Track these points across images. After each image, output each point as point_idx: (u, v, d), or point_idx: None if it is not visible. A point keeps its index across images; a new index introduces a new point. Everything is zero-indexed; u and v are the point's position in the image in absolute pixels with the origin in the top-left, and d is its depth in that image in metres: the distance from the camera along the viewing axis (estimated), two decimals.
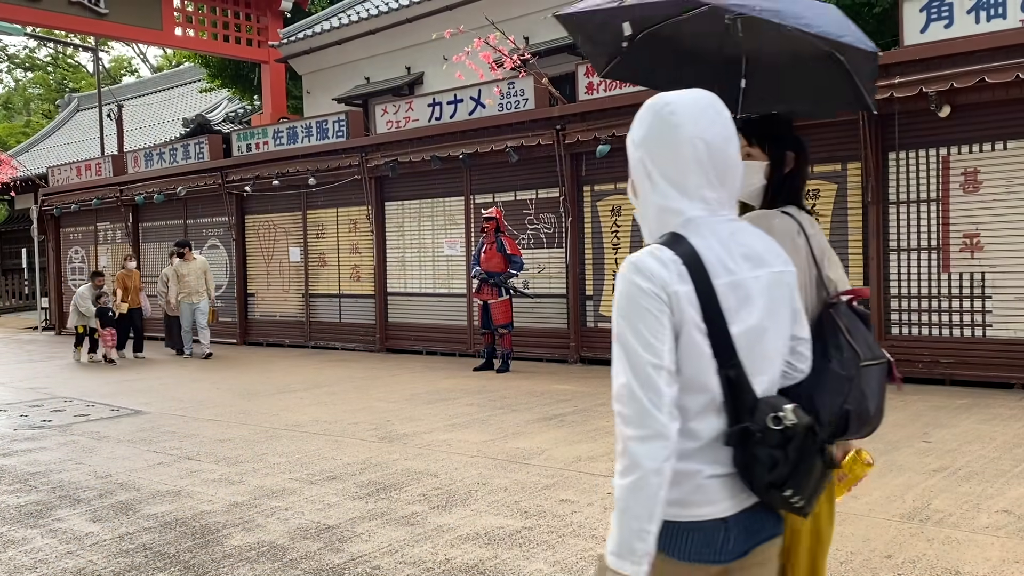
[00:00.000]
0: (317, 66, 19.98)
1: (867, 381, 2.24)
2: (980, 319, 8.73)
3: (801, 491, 1.81)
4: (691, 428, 1.78)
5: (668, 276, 1.75)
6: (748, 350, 1.80)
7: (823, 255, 2.48)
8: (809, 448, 1.79)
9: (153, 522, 4.96)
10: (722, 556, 1.82)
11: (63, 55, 47.68)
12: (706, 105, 1.85)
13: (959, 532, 4.31)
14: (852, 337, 2.28)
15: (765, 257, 1.88)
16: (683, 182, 1.82)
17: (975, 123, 8.70)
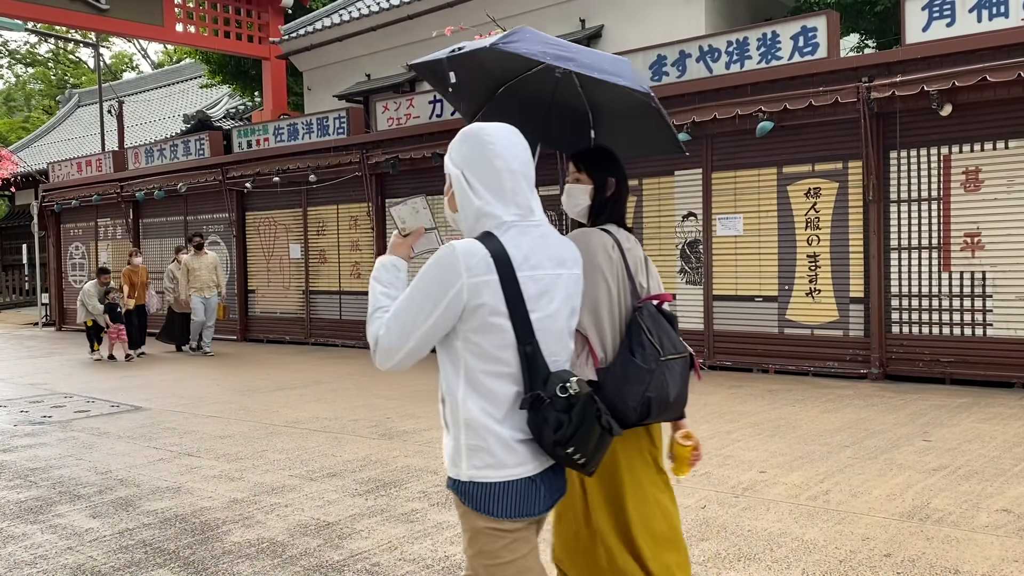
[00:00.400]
0: (318, 63, 19.95)
1: (668, 373, 2.64)
2: (981, 318, 8.73)
3: (582, 449, 2.16)
4: (495, 396, 2.16)
5: (476, 266, 2.12)
6: (544, 333, 2.18)
7: (637, 266, 2.82)
8: (589, 413, 2.15)
9: (153, 518, 4.96)
10: (537, 509, 2.17)
11: (64, 51, 47.65)
12: (512, 133, 2.31)
13: (959, 531, 4.31)
14: (654, 335, 2.66)
15: (566, 260, 2.29)
16: (499, 192, 2.23)
17: (976, 122, 8.69)
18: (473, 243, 2.17)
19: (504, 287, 2.13)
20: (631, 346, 2.66)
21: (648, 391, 2.60)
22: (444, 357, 2.23)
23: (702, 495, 5.07)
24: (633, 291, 2.77)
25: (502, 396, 2.16)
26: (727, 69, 10.11)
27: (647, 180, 11.01)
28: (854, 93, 9.02)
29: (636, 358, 2.63)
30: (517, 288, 2.14)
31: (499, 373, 2.15)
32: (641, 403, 2.60)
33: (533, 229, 2.24)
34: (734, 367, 10.30)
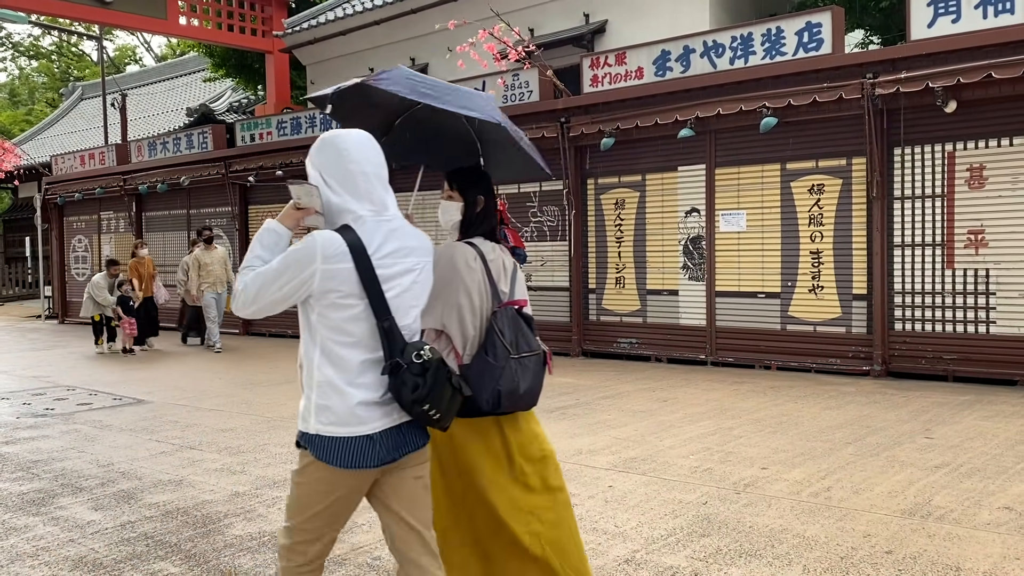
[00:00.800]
0: (321, 56, 19.93)
1: (520, 368, 3.00)
2: (984, 315, 8.71)
3: (437, 406, 2.54)
4: (345, 363, 2.52)
5: (333, 254, 2.49)
6: (398, 310, 2.58)
7: (500, 275, 3.14)
8: (441, 376, 2.54)
9: (154, 511, 4.97)
10: (369, 463, 2.54)
11: (67, 43, 47.63)
12: (365, 140, 2.65)
13: (960, 528, 4.31)
14: (506, 336, 3.02)
15: (416, 249, 2.68)
16: (355, 191, 2.59)
17: (981, 119, 8.66)
18: (333, 234, 2.53)
19: (360, 272, 2.52)
20: (486, 345, 3.01)
21: (498, 385, 2.95)
22: (303, 328, 2.61)
23: (703, 491, 5.07)
24: (495, 297, 3.10)
25: (351, 363, 2.53)
26: (731, 65, 10.09)
27: (650, 176, 11.00)
28: (858, 89, 9.00)
29: (488, 356, 2.98)
30: (372, 272, 2.53)
31: (348, 343, 2.53)
32: (492, 395, 2.94)
33: (386, 223, 2.62)
34: (736, 363, 10.29)
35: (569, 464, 5.78)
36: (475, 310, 3.05)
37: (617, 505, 4.85)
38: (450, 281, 3.02)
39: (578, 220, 11.59)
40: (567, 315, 11.76)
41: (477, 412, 2.99)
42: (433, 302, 2.93)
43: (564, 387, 9.01)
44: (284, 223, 2.65)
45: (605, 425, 7.02)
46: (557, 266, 11.88)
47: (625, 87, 10.93)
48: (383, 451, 2.55)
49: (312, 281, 2.50)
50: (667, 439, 6.46)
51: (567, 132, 11.29)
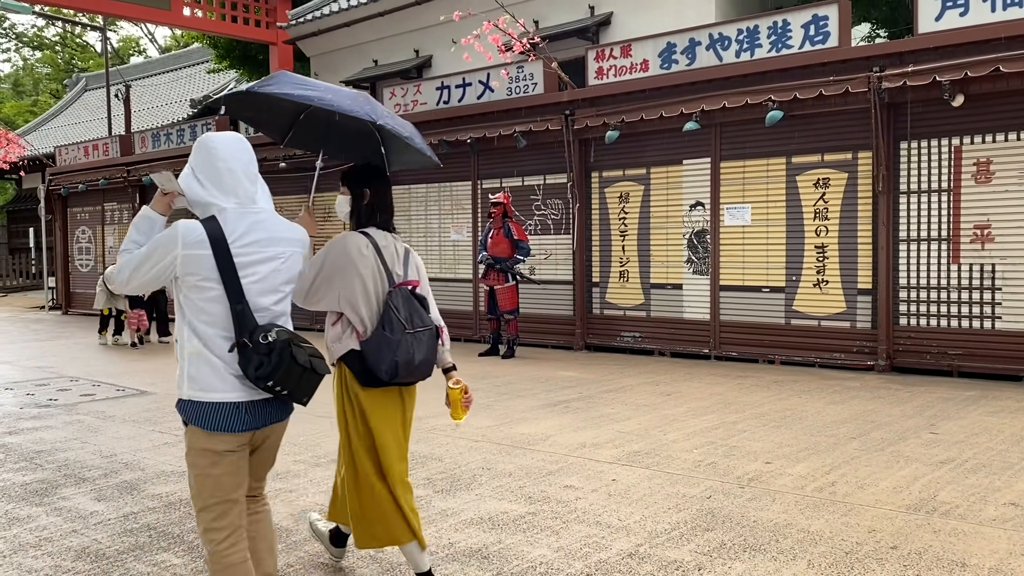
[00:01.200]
0: (325, 48, 19.89)
1: (414, 342, 3.36)
2: (989, 311, 8.68)
3: (283, 383, 2.81)
4: (216, 341, 2.83)
5: (192, 241, 2.78)
6: (255, 295, 2.85)
7: (393, 259, 3.49)
8: (285, 356, 2.78)
9: (157, 502, 4.96)
10: (235, 428, 2.86)
11: (71, 34, 47.59)
12: (235, 141, 2.95)
13: (966, 524, 4.28)
14: (401, 313, 3.36)
15: (283, 239, 2.97)
16: (221, 186, 2.88)
17: (989, 113, 8.61)
18: (194, 223, 2.83)
19: (217, 258, 2.78)
20: (383, 321, 3.36)
21: (395, 356, 3.31)
22: (177, 305, 2.92)
23: (707, 485, 5.05)
24: (389, 279, 3.44)
25: (214, 339, 2.83)
26: (737, 58, 10.04)
27: (655, 169, 10.96)
28: (865, 83, 8.95)
29: (386, 331, 3.34)
30: (229, 259, 2.80)
31: (208, 321, 2.83)
32: (389, 366, 3.31)
33: (252, 215, 2.90)
34: (740, 358, 10.26)
35: (572, 458, 5.77)
36: (369, 292, 3.40)
37: (620, 499, 4.83)
38: (344, 268, 3.35)
39: (582, 213, 11.55)
40: (571, 309, 11.73)
41: (378, 382, 3.39)
42: (330, 287, 3.34)
43: (567, 381, 8.99)
44: (156, 209, 2.95)
45: (608, 419, 7.00)
46: (561, 259, 11.85)
47: (630, 80, 10.88)
48: (249, 419, 2.88)
49: (175, 264, 2.80)
50: (671, 433, 6.44)
51: (572, 125, 11.25)
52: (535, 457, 5.81)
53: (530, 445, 6.15)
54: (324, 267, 3.37)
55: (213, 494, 2.88)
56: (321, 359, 2.97)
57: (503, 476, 5.35)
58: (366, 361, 3.36)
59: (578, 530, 4.34)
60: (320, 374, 2.94)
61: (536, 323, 11.99)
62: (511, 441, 6.29)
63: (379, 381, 3.37)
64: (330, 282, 3.34)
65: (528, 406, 7.61)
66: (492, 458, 5.81)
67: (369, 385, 3.43)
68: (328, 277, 3.34)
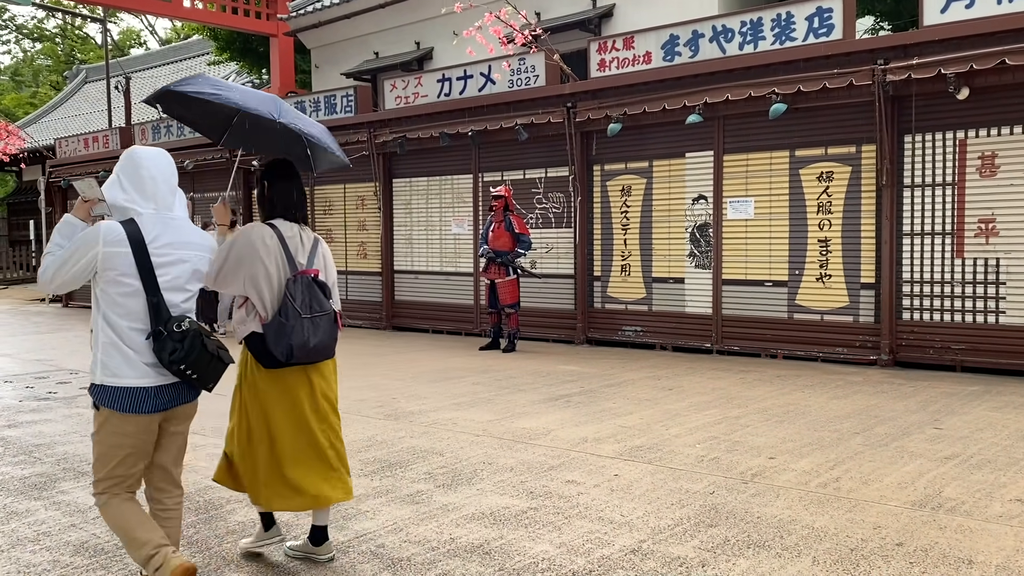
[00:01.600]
0: (326, 40, 19.81)
1: (311, 326, 3.62)
2: (993, 305, 8.63)
3: (194, 368, 3.20)
4: (121, 329, 3.17)
5: (112, 240, 3.14)
6: (170, 290, 3.25)
7: (296, 249, 3.75)
8: (196, 343, 3.17)
9: None
10: (144, 410, 3.21)
11: (72, 26, 47.46)
12: (158, 155, 3.36)
13: (972, 521, 4.25)
14: (298, 299, 3.63)
15: (192, 243, 3.36)
16: (143, 193, 3.27)
17: (994, 106, 8.55)
18: (115, 223, 3.18)
19: (136, 256, 3.15)
20: (281, 307, 3.62)
21: (290, 340, 3.58)
22: (93, 299, 3.24)
23: (710, 480, 5.01)
24: (291, 267, 3.70)
25: (127, 330, 3.18)
26: (740, 50, 9.97)
27: (658, 162, 10.90)
28: (869, 76, 8.89)
29: (282, 317, 3.60)
30: (146, 258, 3.17)
31: (123, 314, 3.17)
32: (285, 348, 3.58)
33: (168, 220, 3.28)
34: (742, 352, 10.22)
35: (574, 452, 5.73)
36: (271, 279, 3.66)
37: (623, 494, 4.80)
38: (249, 256, 3.62)
39: (584, 207, 11.50)
40: (572, 303, 11.69)
41: (277, 363, 3.66)
42: (237, 273, 3.59)
43: (568, 375, 8.96)
44: (77, 215, 3.31)
45: (610, 413, 6.97)
46: (562, 253, 11.80)
47: (633, 72, 10.82)
48: (157, 401, 3.23)
49: (96, 261, 3.13)
50: (673, 428, 6.40)
51: (573, 117, 11.19)
52: (536, 452, 5.77)
53: (531, 440, 6.12)
54: (231, 254, 3.60)
55: (115, 469, 3.23)
56: (227, 350, 3.36)
57: (504, 471, 5.31)
58: (268, 343, 3.62)
59: (580, 526, 4.30)
60: (225, 363, 3.33)
61: (537, 317, 11.95)
62: (512, 435, 6.25)
63: (278, 362, 3.65)
64: (236, 269, 3.60)
65: (529, 400, 7.57)
66: (493, 452, 5.77)
67: (269, 366, 3.70)
68: (235, 264, 3.60)
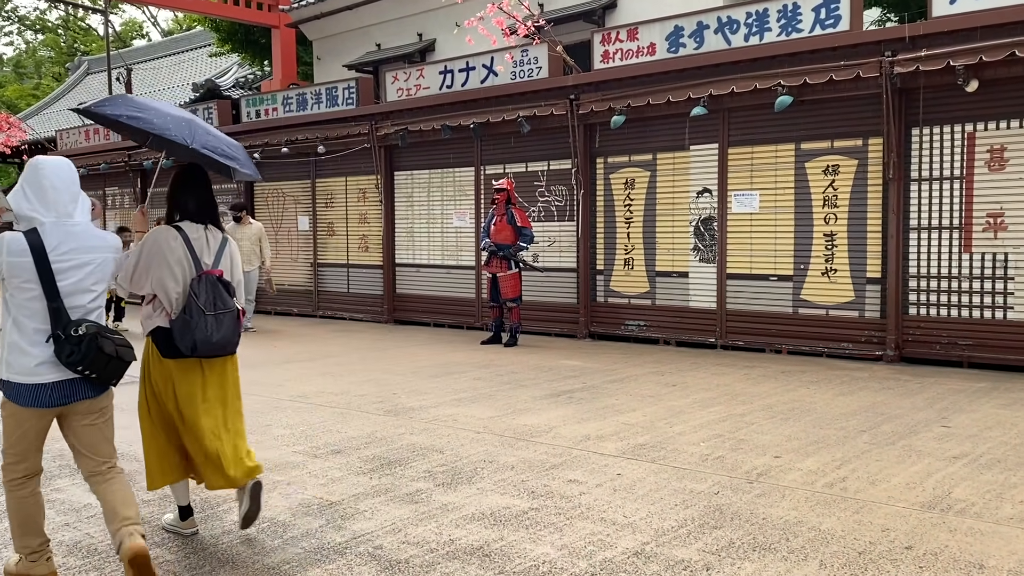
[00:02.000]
0: (328, 31, 19.69)
1: (214, 322, 3.88)
2: (1001, 301, 8.53)
3: (92, 368, 3.43)
4: (26, 330, 3.40)
5: (15, 250, 3.35)
6: (71, 295, 3.44)
7: (202, 250, 4.01)
8: (92, 346, 3.38)
9: (152, 495, 4.86)
10: (42, 404, 3.46)
11: (74, 17, 47.33)
12: (60, 164, 3.54)
13: (982, 523, 4.16)
14: (201, 297, 3.88)
15: (95, 247, 3.53)
16: (44, 201, 3.45)
17: (1003, 98, 8.43)
18: (18, 235, 3.38)
19: (37, 265, 3.36)
20: (186, 305, 3.89)
21: (194, 335, 3.84)
22: (2, 303, 3.45)
23: (715, 480, 4.93)
24: (196, 267, 3.95)
25: (30, 331, 3.41)
26: (746, 41, 9.85)
27: (661, 155, 10.79)
28: (876, 68, 8.77)
29: (186, 314, 3.87)
30: (47, 265, 3.37)
31: (27, 316, 3.41)
32: (189, 343, 3.86)
33: (68, 228, 3.45)
34: (746, 347, 10.13)
35: (576, 451, 5.65)
36: (176, 279, 3.92)
37: (626, 494, 4.71)
38: (156, 257, 3.90)
39: (586, 200, 11.40)
40: (574, 296, 11.60)
41: (181, 355, 3.95)
42: (147, 273, 3.89)
43: (571, 370, 8.87)
44: None
45: (613, 410, 6.88)
46: (565, 246, 11.70)
47: (637, 64, 10.70)
48: (54, 397, 3.46)
49: (1, 269, 3.37)
50: (677, 425, 6.32)
51: (576, 109, 11.08)
52: (538, 449, 5.69)
53: (533, 437, 6.04)
54: (141, 257, 3.90)
55: (14, 446, 3.51)
56: (128, 348, 3.54)
57: (505, 469, 5.24)
58: (171, 338, 3.91)
59: (582, 527, 4.22)
60: (126, 361, 3.54)
61: (539, 311, 11.86)
62: (513, 433, 6.17)
63: (182, 354, 3.93)
64: (147, 269, 3.90)
65: (531, 396, 7.49)
66: (494, 450, 5.69)
67: (169, 356, 3.99)
68: (145, 265, 3.89)
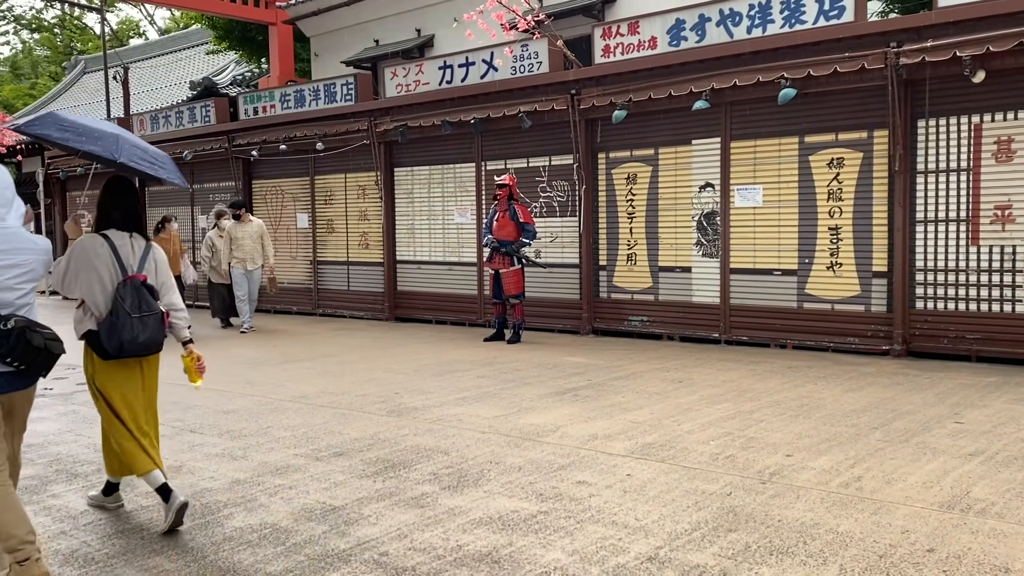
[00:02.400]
0: (325, 28, 19.54)
1: (139, 324, 4.19)
2: (1010, 294, 8.42)
3: (21, 360, 3.50)
4: None
5: None
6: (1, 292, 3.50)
7: (128, 256, 4.30)
8: (21, 339, 3.46)
9: (150, 500, 4.75)
10: None
11: (70, 16, 47.12)
12: None
13: (1005, 524, 4.05)
14: (126, 300, 4.18)
15: (24, 249, 3.61)
16: None
17: (1011, 89, 8.32)
18: None
19: None
20: (112, 308, 4.19)
21: (121, 337, 4.14)
22: None
23: (727, 480, 4.82)
24: (122, 272, 4.25)
25: None
26: (748, 34, 9.72)
27: (664, 149, 10.67)
28: (882, 59, 8.65)
29: (113, 316, 4.17)
30: None
31: None
32: (116, 344, 4.16)
33: (2, 230, 3.54)
34: (751, 342, 10.02)
35: (584, 451, 5.54)
36: (104, 283, 4.23)
37: (636, 496, 4.61)
38: (84, 263, 4.20)
39: (588, 195, 11.28)
40: (577, 292, 11.49)
41: (111, 356, 4.23)
42: (76, 279, 4.21)
43: (575, 367, 8.76)
44: None
45: (619, 408, 6.78)
46: (567, 242, 11.59)
47: (638, 57, 10.57)
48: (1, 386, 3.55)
49: None
50: (685, 423, 6.21)
51: (578, 104, 10.96)
52: (545, 450, 5.58)
53: (539, 437, 5.93)
54: (71, 263, 4.19)
55: None
56: (57, 342, 3.63)
57: (512, 471, 5.13)
58: (102, 339, 4.19)
59: (593, 531, 4.11)
60: (56, 354, 3.62)
61: (542, 307, 11.75)
62: (520, 433, 6.06)
63: (110, 355, 4.22)
64: (76, 275, 4.20)
65: (536, 394, 7.38)
66: (500, 451, 5.58)
67: (105, 358, 4.25)
68: (75, 271, 4.20)
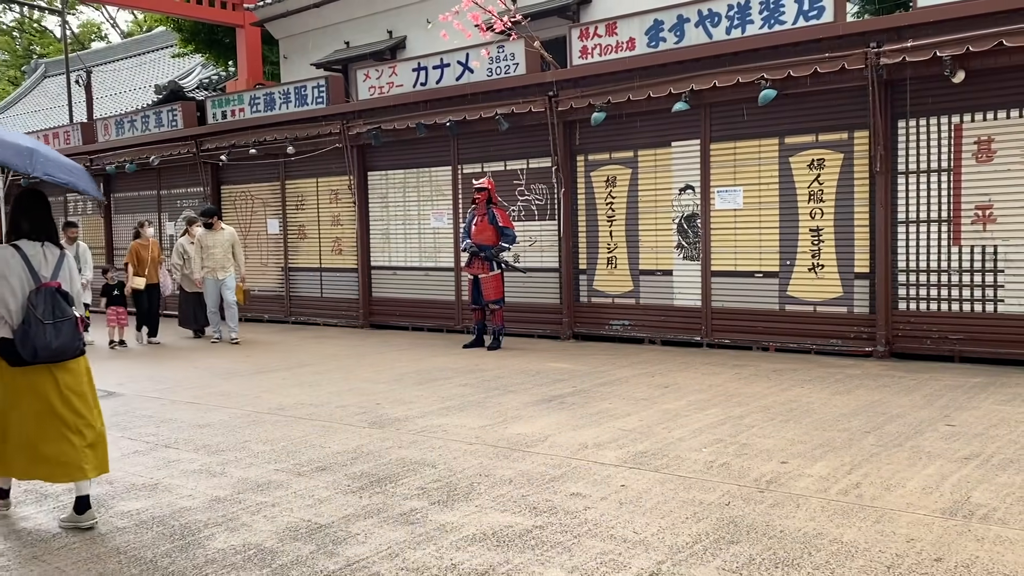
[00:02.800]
0: (294, 30, 19.27)
1: (52, 331, 4.34)
2: (992, 294, 8.43)
3: None
4: None
5: None
6: None
7: (40, 264, 4.48)
8: None
9: (128, 520, 4.53)
10: None
11: (29, 19, 46.19)
12: None
13: (1009, 530, 3.97)
14: (38, 308, 4.34)
15: None
16: None
17: (990, 89, 8.33)
18: None
19: None
20: (26, 316, 4.35)
21: (35, 343, 4.30)
22: None
23: (724, 489, 4.71)
24: (35, 281, 4.43)
25: None
26: (728, 35, 9.67)
27: (643, 152, 10.59)
28: (862, 59, 8.63)
29: (26, 324, 4.33)
30: None
31: None
32: (31, 350, 4.31)
33: None
34: (733, 345, 9.96)
35: (575, 460, 5.40)
36: (15, 292, 4.38)
37: (633, 508, 4.48)
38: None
39: (567, 198, 11.17)
40: (557, 297, 11.36)
41: (25, 362, 4.35)
42: None
43: (559, 373, 8.63)
44: None
45: (607, 415, 6.65)
46: (546, 246, 11.46)
47: (616, 59, 10.48)
48: None
49: None
50: (676, 430, 6.10)
51: (555, 106, 10.84)
52: (535, 461, 5.44)
53: (528, 447, 5.78)
54: None
55: None
56: None
57: (503, 484, 4.97)
58: (17, 346, 4.31)
59: (591, 545, 3.97)
60: None
61: (522, 312, 11.61)
62: (508, 443, 5.91)
63: (24, 361, 4.34)
64: None
65: (521, 402, 7.24)
66: (489, 463, 5.43)
67: (16, 364, 4.37)
68: None
